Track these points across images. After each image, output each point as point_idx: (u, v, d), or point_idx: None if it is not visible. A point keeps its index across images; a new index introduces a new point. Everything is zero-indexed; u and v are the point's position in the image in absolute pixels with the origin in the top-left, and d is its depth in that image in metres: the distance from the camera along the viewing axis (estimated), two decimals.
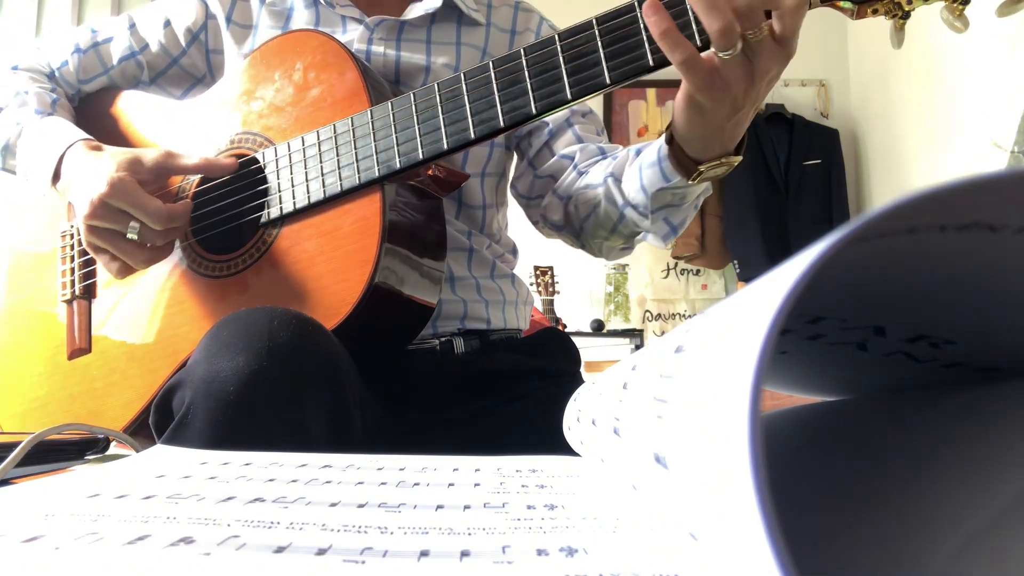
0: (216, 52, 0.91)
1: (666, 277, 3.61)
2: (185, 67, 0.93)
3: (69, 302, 0.88)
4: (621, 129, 3.50)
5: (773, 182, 3.36)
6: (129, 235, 0.74)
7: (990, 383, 0.23)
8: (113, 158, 0.75)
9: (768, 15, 0.58)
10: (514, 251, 0.97)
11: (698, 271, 3.61)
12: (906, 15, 0.60)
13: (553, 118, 0.90)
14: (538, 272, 3.21)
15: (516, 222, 1.02)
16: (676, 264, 3.61)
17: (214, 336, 0.60)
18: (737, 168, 0.70)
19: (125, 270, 0.78)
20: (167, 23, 0.91)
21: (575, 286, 3.43)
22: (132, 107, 0.92)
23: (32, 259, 0.94)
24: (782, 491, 0.15)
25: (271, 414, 0.55)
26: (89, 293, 0.87)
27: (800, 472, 0.25)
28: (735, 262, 3.37)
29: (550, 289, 3.22)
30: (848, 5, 0.60)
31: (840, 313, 0.22)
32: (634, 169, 0.75)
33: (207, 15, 0.90)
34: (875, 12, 0.60)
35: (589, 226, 0.86)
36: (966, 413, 0.22)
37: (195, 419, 0.55)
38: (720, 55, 0.58)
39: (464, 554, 0.21)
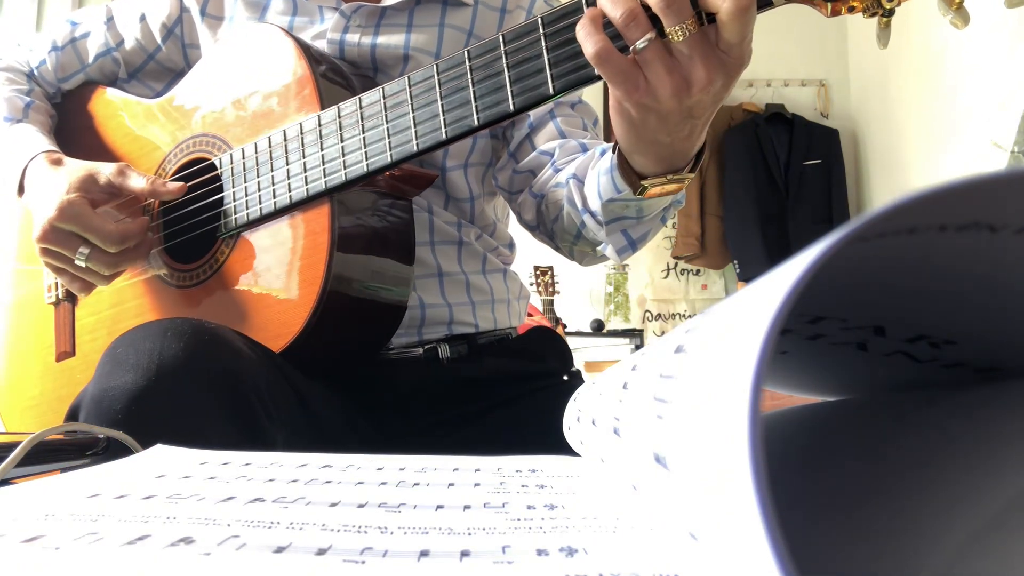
0: (192, 46, 0.89)
1: (666, 277, 3.61)
2: (162, 62, 0.91)
3: (56, 305, 0.88)
4: None
5: (773, 182, 3.36)
6: (77, 261, 0.73)
7: (990, 383, 0.23)
8: (68, 176, 0.74)
9: (701, 13, 0.52)
10: (510, 245, 0.93)
11: (698, 271, 3.61)
12: (888, 12, 0.53)
13: (535, 110, 0.84)
14: (538, 272, 3.21)
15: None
16: (676, 264, 3.62)
17: (109, 353, 0.59)
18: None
19: (86, 288, 0.77)
20: (142, 17, 0.89)
21: (575, 286, 3.44)
22: (110, 106, 0.92)
23: (26, 259, 0.94)
24: (782, 491, 0.15)
25: (163, 431, 0.54)
26: (72, 297, 0.87)
27: (800, 472, 0.25)
28: (735, 262, 3.37)
29: (550, 289, 3.22)
30: (821, 0, 0.53)
31: (840, 313, 0.22)
32: (594, 172, 0.69)
33: (182, 8, 0.88)
34: (851, 10, 0.53)
35: (557, 229, 0.81)
36: (966, 413, 0.22)
37: None
38: (634, 47, 0.52)
39: (464, 554, 0.21)
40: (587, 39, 0.54)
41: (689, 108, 0.55)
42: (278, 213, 0.71)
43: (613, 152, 0.64)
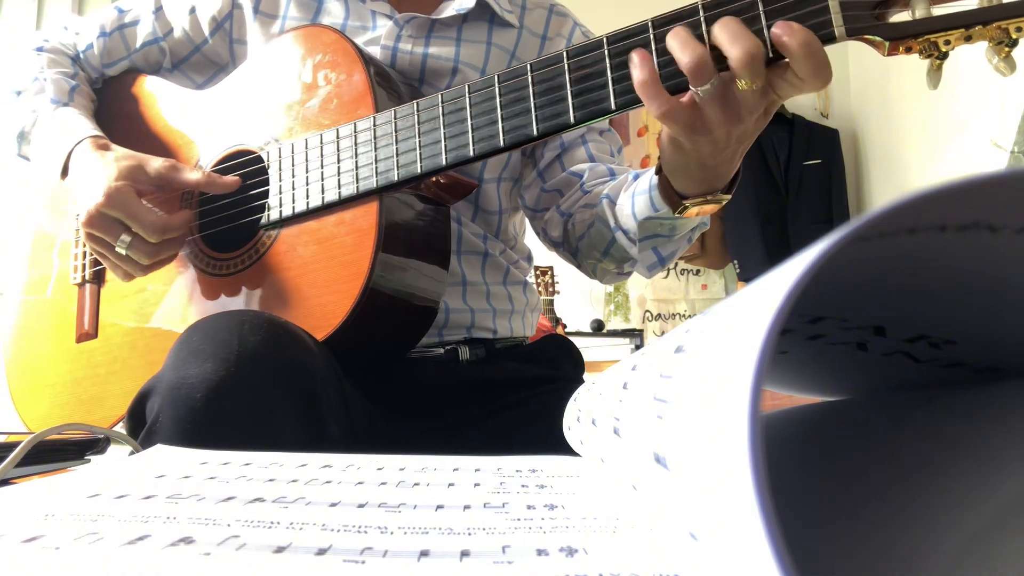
0: (240, 42, 0.90)
1: (666, 277, 3.61)
2: (207, 55, 0.92)
3: (80, 285, 0.88)
4: (621, 129, 3.50)
5: (773, 182, 3.36)
6: (118, 248, 0.73)
7: (990, 383, 0.23)
8: (116, 163, 0.75)
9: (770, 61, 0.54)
10: (528, 258, 0.96)
11: (698, 271, 3.61)
12: (943, 56, 0.54)
13: (567, 133, 0.87)
14: (538, 272, 3.21)
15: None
16: (676, 264, 3.61)
17: (184, 341, 0.59)
18: (724, 203, 0.68)
19: (127, 276, 0.78)
20: (192, 10, 0.90)
21: (575, 286, 3.43)
22: (150, 94, 0.92)
23: (52, 239, 0.94)
24: (782, 491, 0.15)
25: (239, 420, 0.55)
26: (99, 279, 0.87)
27: (800, 472, 0.25)
28: (735, 262, 3.37)
29: (550, 289, 3.22)
30: (879, 40, 0.54)
31: (840, 313, 0.22)
32: (628, 194, 0.73)
33: (233, 4, 0.89)
34: (909, 50, 0.54)
35: (584, 246, 0.85)
36: (966, 413, 0.22)
37: (163, 426, 0.55)
38: (697, 91, 0.55)
39: (464, 554, 0.21)
40: (652, 101, 0.56)
41: (737, 136, 0.58)
42: (325, 208, 0.73)
43: (657, 173, 0.67)
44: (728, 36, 0.53)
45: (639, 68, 0.57)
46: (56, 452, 0.54)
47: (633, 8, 0.64)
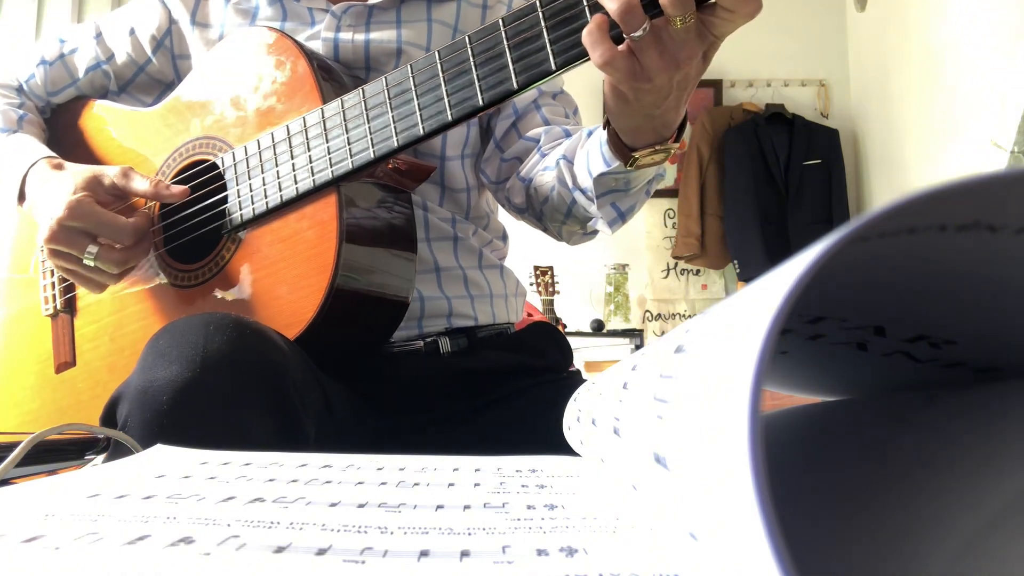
0: (182, 57, 0.90)
1: (666, 277, 3.61)
2: (152, 75, 0.92)
3: (53, 317, 0.88)
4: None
5: (773, 182, 3.36)
6: (85, 260, 0.73)
7: (990, 383, 0.23)
8: (73, 177, 0.75)
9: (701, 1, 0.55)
10: (504, 237, 0.95)
11: (698, 271, 3.61)
12: None
13: (520, 99, 0.88)
14: (538, 272, 3.21)
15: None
16: (676, 264, 3.62)
17: (151, 345, 0.59)
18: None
19: (99, 287, 0.78)
20: (132, 31, 0.90)
21: (575, 286, 3.44)
22: (99, 117, 0.92)
23: (19, 272, 0.93)
24: (782, 491, 0.15)
25: (207, 422, 0.55)
26: (71, 307, 0.87)
27: (800, 472, 0.25)
28: (735, 262, 3.37)
29: (550, 289, 3.22)
30: None
31: (840, 313, 0.22)
32: (583, 152, 0.74)
33: (170, 20, 0.89)
34: None
35: (547, 210, 0.85)
36: (966, 413, 0.22)
37: (131, 430, 0.55)
38: (630, 37, 0.56)
39: (464, 554, 0.21)
40: (594, 48, 0.57)
41: (678, 82, 0.59)
42: (285, 206, 0.72)
43: (604, 128, 0.68)
44: None
45: (590, 23, 0.58)
46: (56, 452, 0.54)
47: None
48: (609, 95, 0.63)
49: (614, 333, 3.40)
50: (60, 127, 0.94)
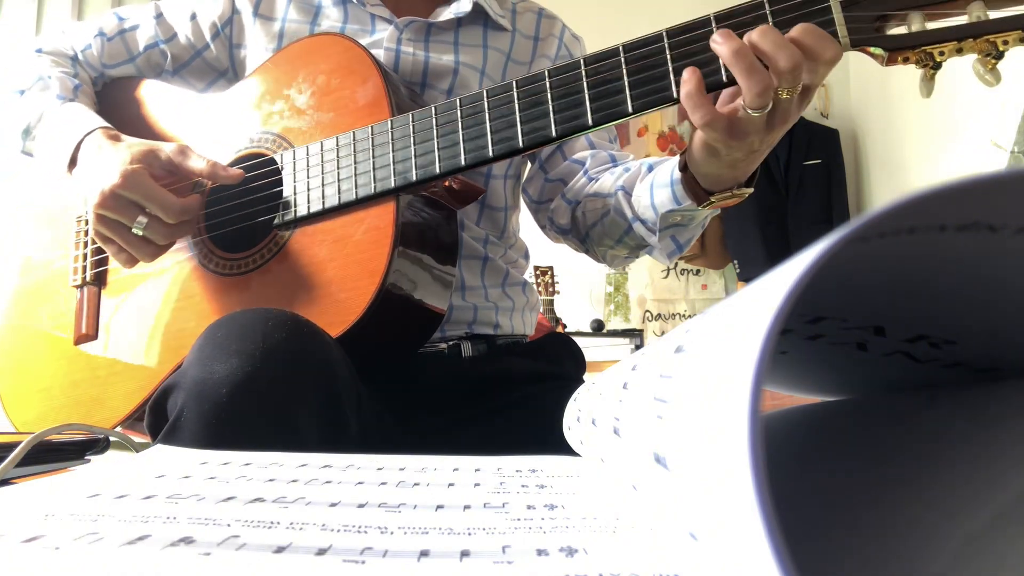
0: (240, 47, 0.91)
1: (666, 277, 3.61)
2: (208, 60, 0.92)
3: (79, 287, 0.88)
4: (621, 129, 3.50)
5: (773, 182, 3.36)
6: (134, 230, 0.74)
7: (990, 383, 0.23)
8: (129, 149, 0.75)
9: None
10: (526, 255, 0.97)
11: (698, 271, 3.61)
12: (937, 66, 0.60)
13: None
14: (538, 272, 3.21)
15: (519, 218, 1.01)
16: (676, 264, 3.61)
17: (208, 337, 0.59)
18: (746, 196, 0.70)
19: (132, 261, 0.78)
20: (193, 16, 0.91)
21: (575, 286, 3.43)
22: (154, 97, 0.92)
23: (48, 242, 0.94)
24: (782, 491, 0.15)
25: (264, 417, 0.55)
26: (100, 281, 0.87)
27: (800, 472, 0.25)
28: (735, 262, 3.37)
29: (550, 289, 3.22)
30: (879, 52, 0.59)
31: (840, 313, 0.22)
32: (645, 186, 0.76)
33: (233, 10, 0.90)
34: (906, 60, 0.60)
35: (595, 234, 0.86)
36: (966, 413, 0.22)
37: (188, 421, 0.55)
38: (751, 113, 0.58)
39: (464, 554, 0.21)
40: (696, 110, 0.59)
41: (770, 141, 0.62)
42: (342, 208, 0.74)
43: (681, 170, 0.70)
44: (771, 46, 0.56)
45: (687, 78, 0.60)
46: (56, 452, 0.54)
47: (625, 15, 0.67)
48: (698, 148, 0.65)
49: (614, 333, 3.40)
50: (111, 103, 0.94)
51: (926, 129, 2.82)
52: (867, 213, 0.13)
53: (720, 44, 0.58)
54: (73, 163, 0.80)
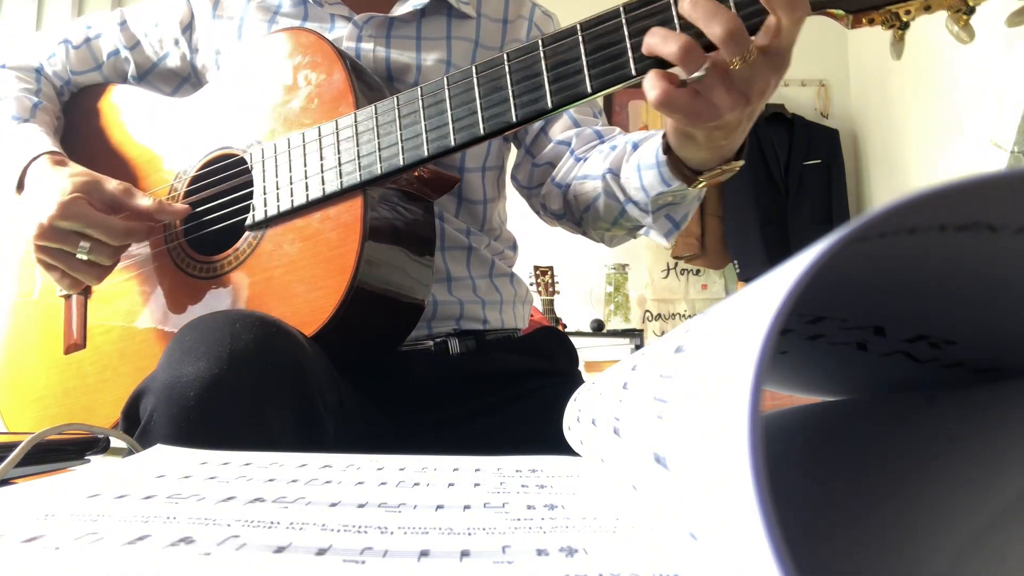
0: (200, 51, 0.91)
1: (666, 277, 3.61)
2: (171, 67, 0.93)
3: (67, 297, 0.88)
4: (621, 127, 3.50)
5: (773, 182, 3.36)
6: (79, 255, 0.74)
7: (990, 383, 0.23)
8: (71, 178, 0.75)
9: (753, 31, 0.55)
10: (514, 247, 0.96)
11: (698, 271, 3.61)
12: (904, 26, 0.57)
13: None
14: (538, 272, 3.21)
15: (515, 218, 1.01)
16: (676, 264, 3.61)
17: (177, 341, 0.59)
18: (738, 169, 0.68)
19: (76, 285, 0.78)
20: (155, 24, 0.92)
21: (575, 286, 3.43)
22: (123, 104, 0.93)
23: (32, 254, 0.94)
24: (782, 491, 0.15)
25: (233, 419, 0.55)
26: (87, 289, 0.87)
27: (800, 472, 0.25)
28: (735, 262, 3.37)
29: (550, 289, 3.22)
30: (841, 13, 0.56)
31: (840, 313, 0.22)
32: (632, 167, 0.74)
33: (192, 15, 0.90)
34: (871, 22, 0.57)
35: (589, 217, 0.85)
36: (966, 413, 0.22)
37: (158, 425, 0.55)
38: (690, 79, 0.55)
39: (464, 554, 0.21)
40: (651, 88, 0.56)
41: (749, 113, 0.58)
42: (310, 205, 0.73)
43: (665, 153, 0.67)
44: (703, 15, 0.54)
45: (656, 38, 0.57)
46: (56, 452, 0.54)
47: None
48: (675, 137, 0.63)
49: (614, 333, 3.40)
50: (80, 111, 0.94)
51: (926, 129, 2.82)
52: (867, 213, 0.13)
53: (649, 35, 0.56)
54: (21, 186, 0.80)
